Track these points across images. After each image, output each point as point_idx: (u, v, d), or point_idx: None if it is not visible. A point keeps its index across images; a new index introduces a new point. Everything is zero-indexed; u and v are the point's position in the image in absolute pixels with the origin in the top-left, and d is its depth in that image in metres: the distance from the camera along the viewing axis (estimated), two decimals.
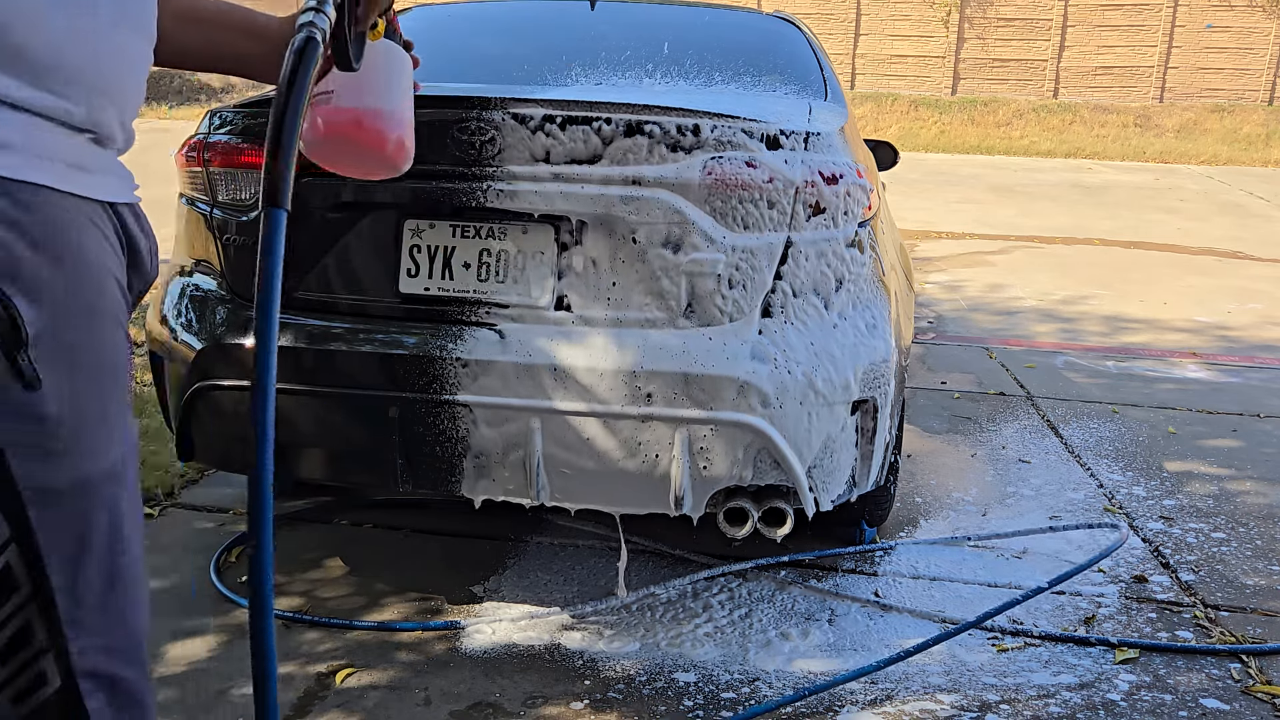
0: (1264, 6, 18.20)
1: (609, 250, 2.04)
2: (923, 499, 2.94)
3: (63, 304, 0.82)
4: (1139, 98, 18.96)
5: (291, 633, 2.17)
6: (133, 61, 0.91)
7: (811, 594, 2.38)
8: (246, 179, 2.13)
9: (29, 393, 0.79)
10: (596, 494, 2.12)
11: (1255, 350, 4.84)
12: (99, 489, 0.87)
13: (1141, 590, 2.43)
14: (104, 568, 0.88)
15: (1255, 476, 3.20)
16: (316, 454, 2.19)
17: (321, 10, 0.96)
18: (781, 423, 2.01)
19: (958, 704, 1.96)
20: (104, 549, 0.88)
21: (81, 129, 0.85)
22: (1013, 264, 6.95)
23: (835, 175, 2.08)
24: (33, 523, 0.82)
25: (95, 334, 0.86)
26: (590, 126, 2.00)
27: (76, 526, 0.85)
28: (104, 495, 0.87)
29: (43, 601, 0.84)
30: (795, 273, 2.06)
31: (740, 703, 1.95)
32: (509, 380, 2.02)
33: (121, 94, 0.89)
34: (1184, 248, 7.75)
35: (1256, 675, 2.07)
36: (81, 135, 0.85)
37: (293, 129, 0.90)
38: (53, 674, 0.85)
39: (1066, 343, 4.90)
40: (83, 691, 0.87)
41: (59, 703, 0.86)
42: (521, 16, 3.18)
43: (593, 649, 2.13)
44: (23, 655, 0.84)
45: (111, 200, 0.90)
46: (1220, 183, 12.58)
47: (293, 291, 2.14)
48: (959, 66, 19.42)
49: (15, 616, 0.83)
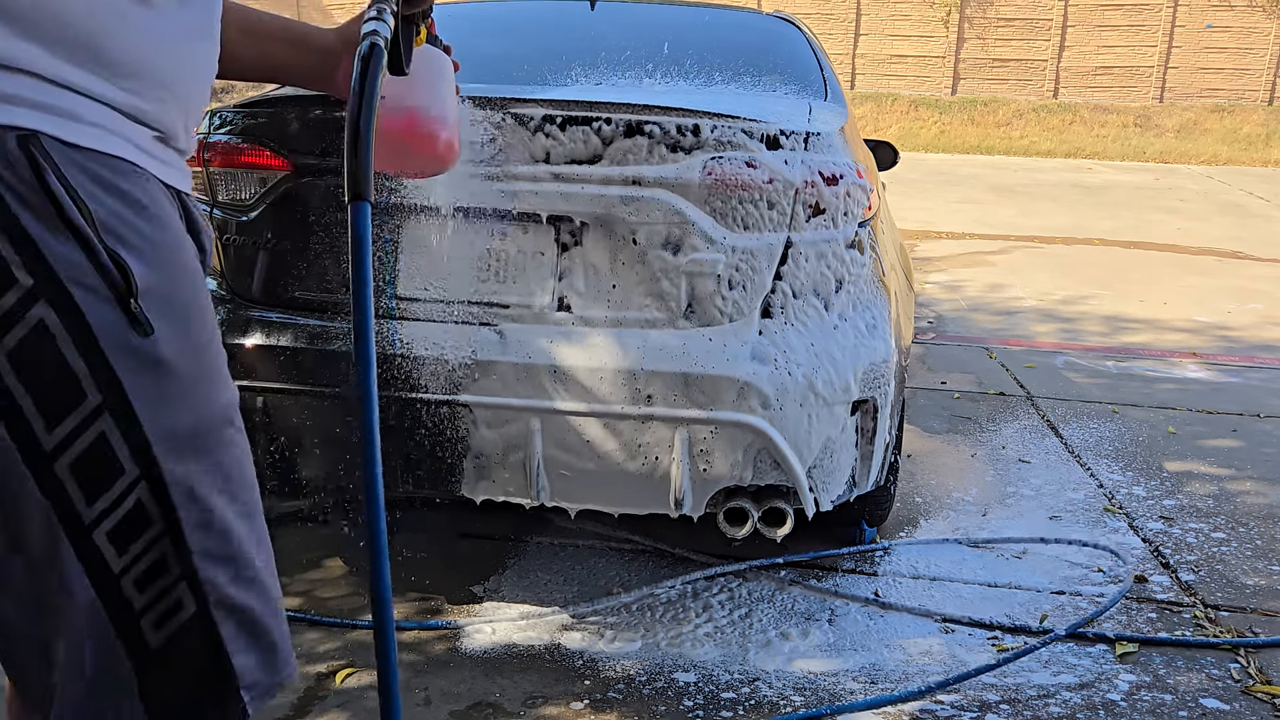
0: (1264, 6, 18.20)
1: (609, 251, 2.04)
2: (923, 499, 2.95)
3: (166, 261, 0.89)
4: (1139, 98, 18.97)
5: (292, 633, 2.17)
6: (200, 68, 0.98)
7: (811, 594, 2.38)
8: (246, 179, 2.13)
9: (144, 339, 0.87)
10: (597, 494, 2.12)
11: (1255, 350, 4.84)
12: (215, 430, 0.94)
13: (1141, 590, 2.43)
14: (227, 503, 0.94)
15: (1255, 476, 3.20)
16: (317, 454, 2.19)
17: (382, 19, 1.04)
18: (781, 423, 2.01)
19: (958, 704, 1.96)
20: (226, 485, 0.94)
21: (148, 125, 0.92)
22: (1013, 264, 6.95)
23: (835, 175, 2.08)
24: (160, 463, 0.88)
25: (194, 290, 0.93)
26: (590, 127, 2.00)
27: (198, 465, 0.91)
28: (220, 436, 0.94)
29: (174, 535, 0.90)
30: (795, 273, 2.06)
31: (740, 703, 1.95)
32: (509, 381, 2.02)
33: (188, 98, 0.96)
34: (1184, 248, 7.75)
35: (1256, 675, 2.07)
36: (150, 130, 0.92)
37: (369, 125, 0.98)
38: (188, 600, 0.92)
39: (1066, 343, 4.90)
40: (215, 618, 0.93)
41: (196, 628, 0.93)
42: (521, 16, 3.18)
43: (593, 649, 2.13)
44: (160, 583, 0.90)
45: (179, 188, 0.96)
46: (1220, 183, 12.58)
47: (291, 292, 2.15)
48: (959, 66, 19.43)
49: (151, 549, 0.89)
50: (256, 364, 2.09)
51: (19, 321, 0.81)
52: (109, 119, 0.88)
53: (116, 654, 0.90)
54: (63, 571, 0.87)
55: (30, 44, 0.82)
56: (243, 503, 0.97)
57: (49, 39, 0.83)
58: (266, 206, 2.12)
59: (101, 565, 0.88)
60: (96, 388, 0.85)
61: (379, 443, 0.95)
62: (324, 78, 1.23)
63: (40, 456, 0.84)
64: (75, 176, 0.84)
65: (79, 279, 0.83)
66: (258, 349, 2.09)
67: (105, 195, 0.85)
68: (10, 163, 0.81)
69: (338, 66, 1.22)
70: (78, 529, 0.86)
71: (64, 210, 0.82)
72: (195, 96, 0.98)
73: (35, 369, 0.83)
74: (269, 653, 1.00)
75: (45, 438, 0.84)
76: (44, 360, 0.83)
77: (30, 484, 0.84)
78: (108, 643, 0.89)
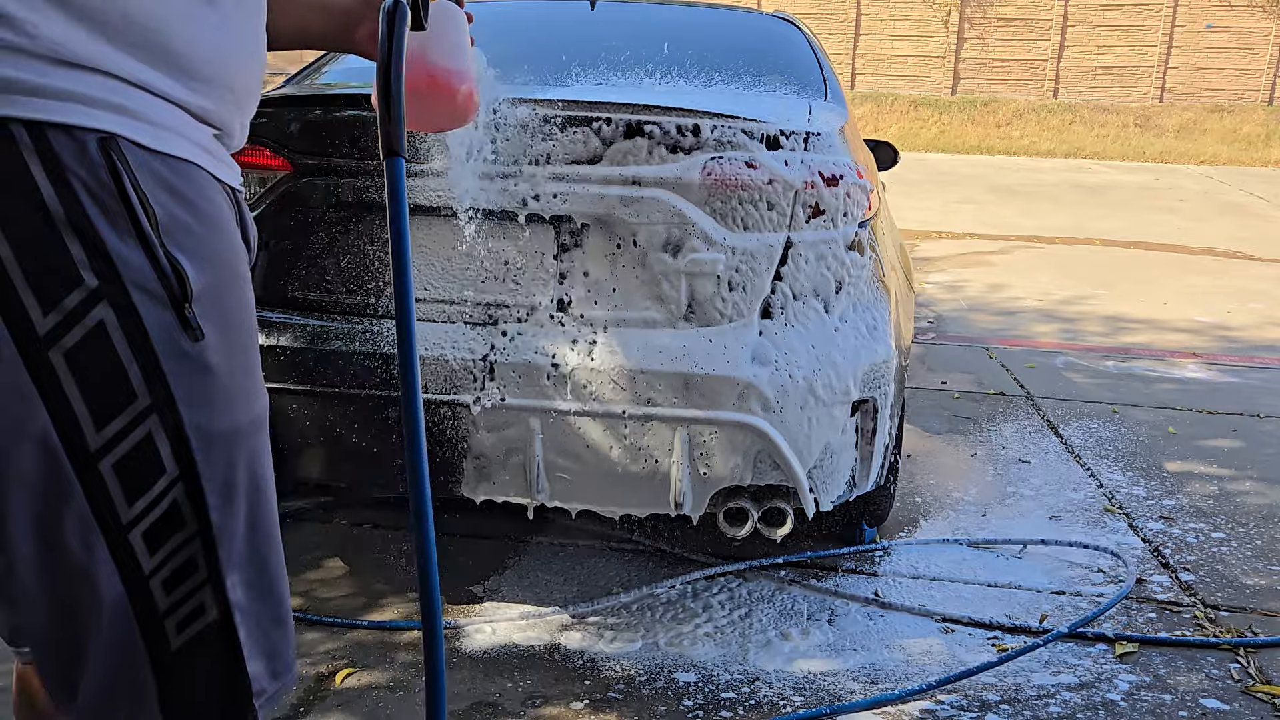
0: (1264, 6, 18.21)
1: (610, 251, 2.04)
2: (923, 499, 2.95)
3: (218, 266, 0.91)
4: (1139, 98, 18.97)
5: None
6: (255, 66, 1.00)
7: (811, 594, 2.38)
8: (247, 179, 2.13)
9: (195, 344, 0.88)
10: (597, 495, 2.12)
11: (1255, 350, 4.84)
12: (249, 436, 0.95)
13: (1141, 590, 2.43)
14: (251, 510, 0.96)
15: (1255, 476, 3.20)
16: (317, 454, 2.19)
17: None
18: (781, 423, 2.01)
19: (958, 704, 1.96)
20: (252, 492, 0.96)
21: (211, 124, 0.94)
22: (1013, 264, 6.95)
23: (835, 176, 2.08)
24: (199, 465, 0.90)
25: (241, 295, 0.95)
26: (590, 127, 2.00)
27: (230, 470, 0.93)
28: (252, 443, 0.96)
29: (206, 538, 0.91)
30: (795, 274, 2.06)
31: (740, 703, 1.95)
32: (509, 381, 2.02)
33: (246, 95, 0.98)
34: (1184, 248, 7.75)
35: (1256, 675, 2.07)
36: (210, 128, 0.94)
37: (399, 81, 1.00)
38: (210, 605, 0.93)
39: (1066, 343, 4.90)
40: (236, 624, 0.94)
41: (217, 633, 0.93)
42: (521, 16, 3.18)
43: (593, 649, 2.13)
44: (186, 585, 0.91)
45: (234, 185, 0.98)
46: (1220, 183, 12.58)
47: (291, 291, 2.15)
48: (959, 66, 19.43)
49: (182, 550, 0.91)
50: None
51: (79, 321, 0.83)
52: (179, 120, 0.90)
53: (137, 656, 0.91)
54: (93, 571, 0.87)
55: (108, 45, 0.84)
56: (266, 507, 0.98)
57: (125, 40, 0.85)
58: (266, 206, 2.12)
59: (133, 564, 0.88)
60: (147, 389, 0.86)
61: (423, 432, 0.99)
62: (346, 39, 1.25)
63: (85, 455, 0.85)
64: (146, 181, 0.85)
65: (141, 283, 0.85)
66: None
67: (169, 199, 0.87)
68: (91, 167, 0.82)
69: (359, 26, 1.24)
70: (115, 528, 0.87)
71: (135, 216, 0.84)
72: (251, 94, 1.00)
73: (89, 369, 0.84)
74: (277, 659, 1.01)
75: (93, 437, 0.85)
76: (99, 360, 0.84)
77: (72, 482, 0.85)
78: (130, 643, 0.90)
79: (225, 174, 0.96)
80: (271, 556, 1.00)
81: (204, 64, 0.91)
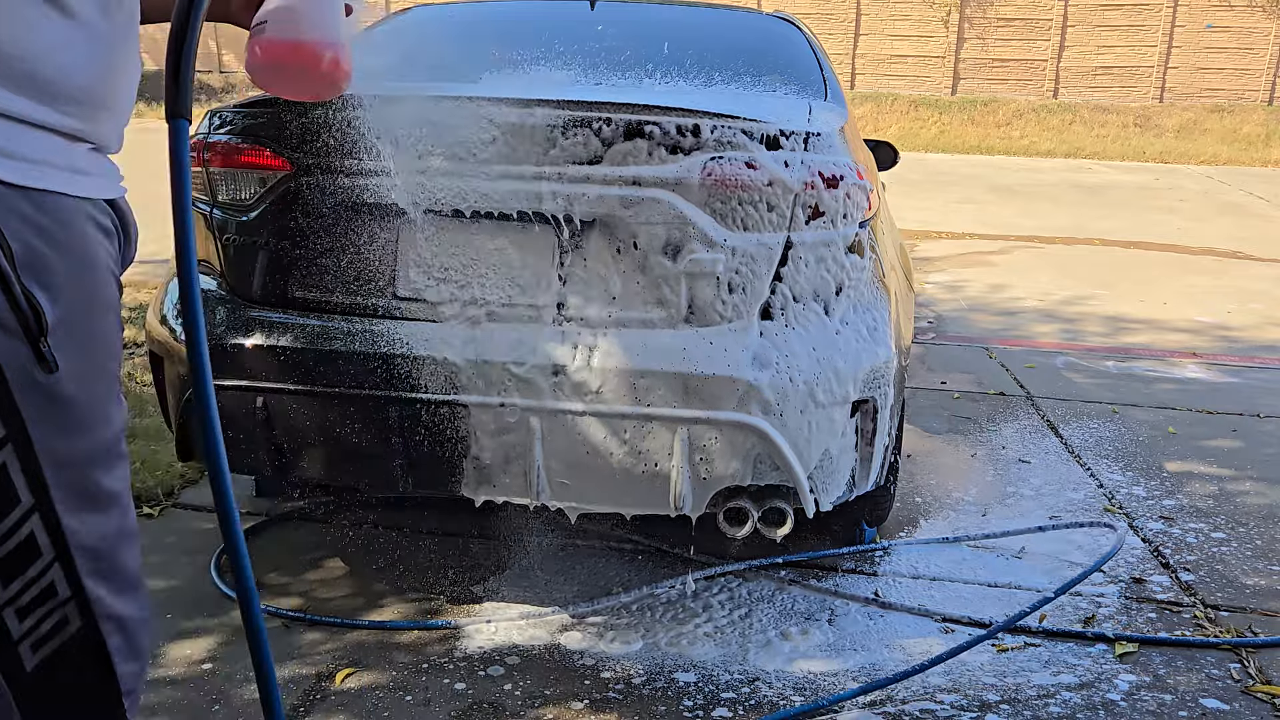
0: (1264, 6, 18.20)
1: (610, 251, 2.04)
2: (923, 499, 2.95)
3: (74, 297, 0.92)
4: (1139, 98, 18.96)
5: (291, 633, 2.17)
6: (130, 76, 1.00)
7: (811, 594, 2.38)
8: (247, 179, 2.13)
9: (50, 375, 0.90)
10: (597, 495, 2.12)
11: (1255, 350, 4.84)
12: (106, 455, 0.97)
13: (1141, 590, 2.43)
14: (111, 522, 0.98)
15: (1255, 476, 3.20)
16: (317, 454, 2.18)
17: None
18: (782, 425, 2.01)
19: (958, 704, 1.96)
20: (110, 506, 0.97)
21: (86, 140, 0.94)
22: (1013, 264, 6.95)
23: (835, 176, 2.08)
24: (51, 490, 0.91)
25: (100, 322, 0.96)
26: (590, 127, 2.00)
27: (89, 489, 0.94)
28: (110, 459, 0.98)
29: (65, 561, 0.93)
30: (795, 274, 2.06)
31: (740, 702, 1.95)
32: (510, 381, 2.02)
33: (120, 108, 0.98)
34: (1184, 248, 7.75)
35: (1256, 675, 2.07)
36: (84, 144, 0.95)
37: (192, 46, 0.98)
38: (74, 617, 0.95)
39: (1066, 343, 4.90)
40: (103, 632, 0.96)
41: (80, 643, 0.95)
42: (521, 16, 3.18)
43: (593, 649, 2.13)
44: (42, 610, 0.93)
45: (109, 197, 0.99)
46: (1220, 183, 12.58)
47: (292, 291, 2.15)
48: (959, 66, 19.42)
49: (39, 579, 0.92)
50: (256, 364, 2.09)
51: None
52: (49, 148, 0.90)
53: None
54: None
55: None
56: (121, 508, 0.99)
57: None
58: (266, 206, 2.12)
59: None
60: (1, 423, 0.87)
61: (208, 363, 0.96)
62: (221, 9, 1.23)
63: None
64: (4, 217, 0.85)
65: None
66: (258, 349, 2.09)
67: (30, 234, 0.87)
68: None
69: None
70: None
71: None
72: (126, 101, 1.00)
73: None
74: (143, 658, 1.03)
75: None
76: None
77: None
78: None
79: (100, 189, 0.96)
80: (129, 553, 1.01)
81: (76, 89, 0.91)
